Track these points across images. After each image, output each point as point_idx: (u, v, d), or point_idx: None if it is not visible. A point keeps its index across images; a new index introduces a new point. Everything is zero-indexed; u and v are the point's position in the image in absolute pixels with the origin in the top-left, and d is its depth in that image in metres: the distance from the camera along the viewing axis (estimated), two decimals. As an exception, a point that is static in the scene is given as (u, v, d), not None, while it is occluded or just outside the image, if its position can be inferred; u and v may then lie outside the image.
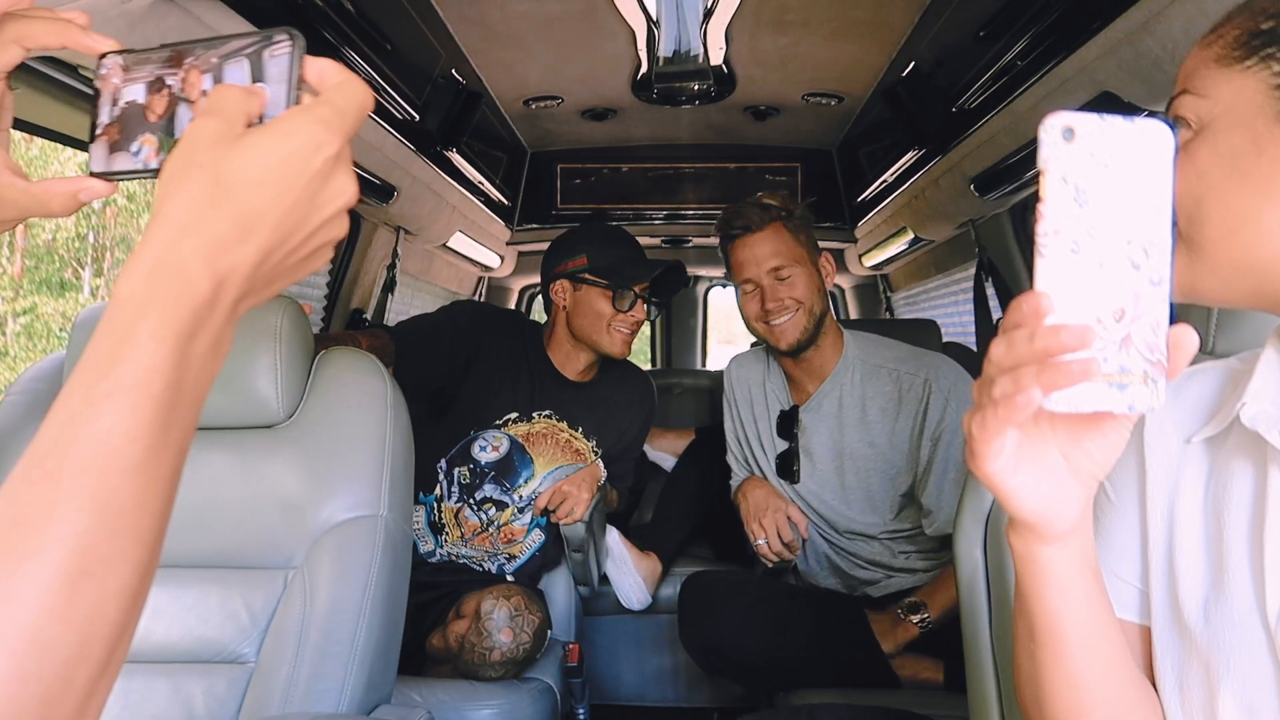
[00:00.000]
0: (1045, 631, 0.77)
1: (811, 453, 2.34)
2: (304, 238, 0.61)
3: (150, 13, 1.32)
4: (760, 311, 2.26)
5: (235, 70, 0.63)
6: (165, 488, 0.56)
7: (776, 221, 2.26)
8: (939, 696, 1.98)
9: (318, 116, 0.60)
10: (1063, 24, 1.72)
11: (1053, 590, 0.74)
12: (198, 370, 0.57)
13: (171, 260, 0.55)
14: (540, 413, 2.46)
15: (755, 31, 2.33)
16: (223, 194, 0.56)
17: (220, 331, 0.58)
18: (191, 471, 1.50)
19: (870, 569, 2.30)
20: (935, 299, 4.02)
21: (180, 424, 0.56)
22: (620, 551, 2.64)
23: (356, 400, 1.56)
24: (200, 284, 0.55)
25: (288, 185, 0.58)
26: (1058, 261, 0.61)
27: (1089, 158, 0.61)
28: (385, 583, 1.45)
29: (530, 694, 2.00)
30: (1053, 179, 0.61)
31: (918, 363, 2.28)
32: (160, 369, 0.53)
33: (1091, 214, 0.61)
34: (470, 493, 2.35)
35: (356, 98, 0.62)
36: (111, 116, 0.66)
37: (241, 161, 0.57)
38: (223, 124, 0.58)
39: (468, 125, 2.75)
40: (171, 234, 0.56)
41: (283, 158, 0.58)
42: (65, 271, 16.36)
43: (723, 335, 7.49)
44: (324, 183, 0.60)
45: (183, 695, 1.39)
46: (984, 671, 1.23)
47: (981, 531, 1.25)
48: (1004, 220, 2.81)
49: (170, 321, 0.54)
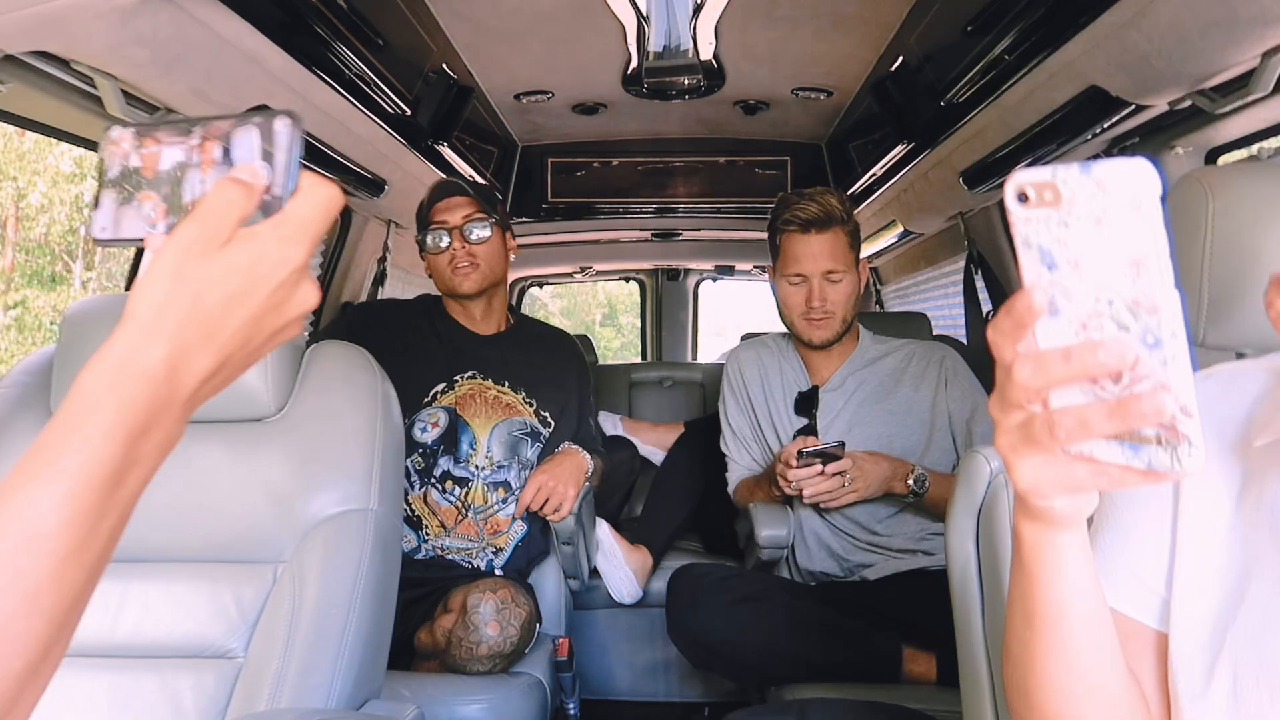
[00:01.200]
0: (1046, 618, 0.75)
1: (828, 429, 2.39)
2: (263, 340, 0.65)
3: (142, 7, 1.32)
4: (805, 307, 2.35)
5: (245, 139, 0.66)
6: (88, 574, 0.58)
7: (836, 227, 2.33)
8: (932, 691, 1.98)
9: (284, 235, 0.63)
10: (1050, 18, 1.72)
11: (1062, 577, 0.73)
12: (143, 465, 0.60)
13: (136, 363, 0.58)
14: (463, 375, 2.43)
15: (745, 26, 2.33)
16: (195, 307, 0.60)
17: (173, 429, 0.61)
18: (180, 465, 1.50)
19: (868, 550, 2.31)
20: (925, 292, 4.03)
21: (115, 513, 0.58)
22: (610, 545, 2.64)
23: (346, 393, 1.56)
24: (161, 387, 0.59)
25: (255, 300, 0.62)
26: (1041, 325, 0.59)
27: (1048, 219, 0.58)
28: (375, 577, 1.45)
29: (520, 689, 2.00)
30: (1019, 243, 0.59)
31: (929, 344, 2.48)
32: (106, 462, 0.56)
33: (1062, 276, 0.58)
34: (428, 474, 2.33)
35: (320, 203, 0.65)
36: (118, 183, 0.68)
37: (216, 276, 0.61)
38: (208, 233, 0.61)
39: (458, 119, 2.75)
40: (140, 338, 0.59)
41: (253, 275, 0.62)
42: (56, 265, 16.30)
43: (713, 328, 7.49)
44: (289, 293, 0.65)
45: (171, 691, 1.39)
46: (977, 665, 1.23)
47: (974, 524, 1.25)
48: (993, 213, 2.83)
49: (125, 421, 0.57)
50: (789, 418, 2.47)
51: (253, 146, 0.65)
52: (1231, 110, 1.59)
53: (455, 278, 2.41)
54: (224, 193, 0.62)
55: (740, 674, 2.25)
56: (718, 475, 2.64)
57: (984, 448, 1.25)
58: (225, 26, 1.53)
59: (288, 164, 0.65)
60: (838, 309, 2.34)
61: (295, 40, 1.73)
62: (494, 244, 2.44)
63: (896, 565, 2.27)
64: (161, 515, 1.49)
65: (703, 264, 4.77)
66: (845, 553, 2.33)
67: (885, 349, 2.47)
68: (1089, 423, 0.58)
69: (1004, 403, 0.63)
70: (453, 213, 2.42)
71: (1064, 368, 0.58)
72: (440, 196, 2.43)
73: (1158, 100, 1.65)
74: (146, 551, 1.48)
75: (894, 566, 2.27)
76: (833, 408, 2.41)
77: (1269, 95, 1.47)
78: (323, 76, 1.91)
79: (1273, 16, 1.24)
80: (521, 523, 2.36)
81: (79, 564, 0.56)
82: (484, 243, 2.41)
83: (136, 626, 1.44)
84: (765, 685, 2.21)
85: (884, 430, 2.34)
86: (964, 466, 1.26)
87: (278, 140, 0.65)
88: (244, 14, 1.55)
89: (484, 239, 2.41)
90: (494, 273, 2.45)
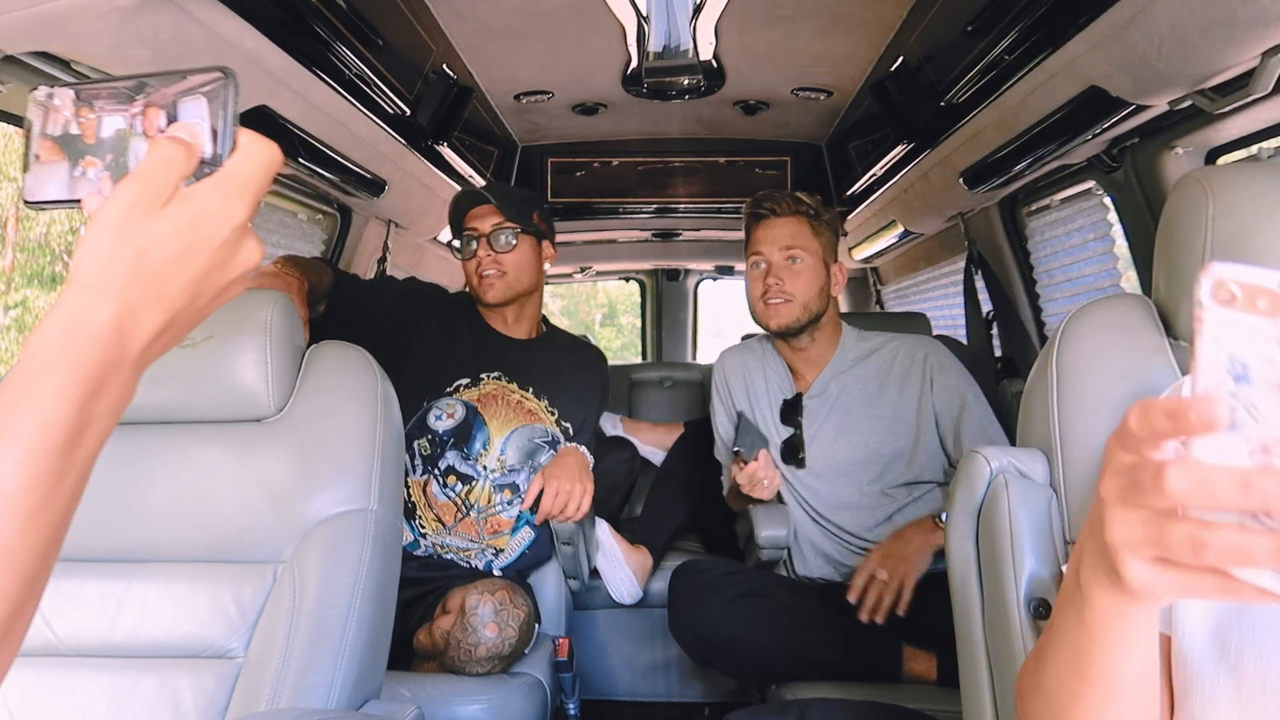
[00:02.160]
0: (1103, 677, 0.72)
1: (814, 437, 2.38)
2: (210, 297, 0.66)
3: (142, 8, 1.32)
4: (763, 291, 2.35)
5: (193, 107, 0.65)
6: (53, 533, 0.58)
7: (800, 214, 2.37)
8: (932, 690, 1.98)
9: (226, 191, 0.64)
10: (1050, 18, 1.72)
11: (1129, 644, 0.69)
12: (98, 424, 0.60)
13: (84, 323, 0.59)
14: (489, 374, 2.44)
15: (745, 26, 2.33)
16: (141, 266, 0.60)
17: (124, 388, 0.62)
18: (181, 465, 1.51)
19: (862, 556, 2.30)
20: (925, 292, 4.03)
21: (74, 473, 0.59)
22: (610, 545, 2.64)
23: (347, 394, 1.56)
24: (110, 348, 0.59)
25: (200, 256, 0.63)
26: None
27: (1256, 327, 0.50)
28: (375, 577, 1.44)
29: (519, 689, 2.00)
30: (1204, 341, 0.51)
31: (913, 342, 2.42)
32: (62, 423, 0.57)
33: (1254, 392, 0.50)
34: (433, 464, 2.33)
35: (261, 160, 0.66)
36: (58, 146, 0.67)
37: (161, 234, 0.61)
38: (150, 191, 0.61)
39: (458, 119, 2.75)
40: (87, 299, 0.59)
41: (197, 232, 0.62)
42: (56, 265, 16.30)
43: (713, 328, 7.50)
44: (233, 250, 0.65)
45: (170, 691, 1.39)
46: (977, 665, 1.23)
47: (973, 525, 1.24)
48: (993, 213, 2.82)
49: (77, 382, 0.58)
50: (775, 426, 2.46)
51: (201, 113, 0.65)
52: (1231, 110, 1.59)
53: (480, 286, 2.44)
54: (163, 151, 0.62)
55: (741, 670, 2.25)
56: (718, 475, 2.64)
57: (984, 448, 1.24)
58: (225, 27, 1.53)
59: (225, 125, 0.65)
60: (798, 293, 2.33)
61: (295, 40, 1.73)
62: (522, 253, 2.46)
63: None
64: (161, 515, 1.49)
65: (703, 264, 4.77)
66: (842, 557, 2.33)
67: (870, 346, 2.45)
68: (1250, 554, 0.51)
69: (1131, 498, 0.57)
70: (483, 220, 2.45)
71: (1237, 495, 0.50)
72: (472, 204, 2.47)
73: (1158, 100, 1.65)
74: (146, 551, 1.48)
75: None
76: (818, 415, 2.40)
77: (1269, 95, 1.47)
78: (323, 77, 1.91)
79: (1272, 16, 1.24)
80: (530, 529, 2.36)
81: (43, 523, 0.57)
82: (510, 251, 2.44)
83: (136, 627, 1.44)
84: (766, 683, 2.21)
85: (870, 437, 2.33)
86: (964, 467, 1.26)
87: (220, 106, 0.65)
88: (244, 14, 1.55)
89: (510, 247, 2.44)
90: (520, 282, 2.47)
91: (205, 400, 1.50)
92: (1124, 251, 2.25)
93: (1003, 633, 1.15)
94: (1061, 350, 1.22)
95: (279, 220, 2.57)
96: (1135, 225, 2.09)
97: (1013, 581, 1.14)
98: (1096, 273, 2.45)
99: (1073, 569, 0.70)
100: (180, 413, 1.52)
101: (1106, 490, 0.59)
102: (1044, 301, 2.76)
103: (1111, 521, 0.58)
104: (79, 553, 1.47)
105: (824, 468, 2.37)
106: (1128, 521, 0.57)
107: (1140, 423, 0.55)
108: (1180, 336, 1.17)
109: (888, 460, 2.30)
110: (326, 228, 2.83)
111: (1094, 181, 2.28)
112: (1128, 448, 0.57)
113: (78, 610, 1.44)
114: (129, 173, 0.64)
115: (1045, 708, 0.79)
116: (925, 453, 2.31)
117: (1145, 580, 0.58)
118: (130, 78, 0.66)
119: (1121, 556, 0.58)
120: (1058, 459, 1.18)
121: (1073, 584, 0.70)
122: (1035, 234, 2.74)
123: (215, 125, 0.65)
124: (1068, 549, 1.16)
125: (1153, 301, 1.23)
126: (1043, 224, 2.69)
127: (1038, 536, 1.15)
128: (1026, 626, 1.12)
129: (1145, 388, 1.14)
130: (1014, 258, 2.83)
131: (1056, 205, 2.60)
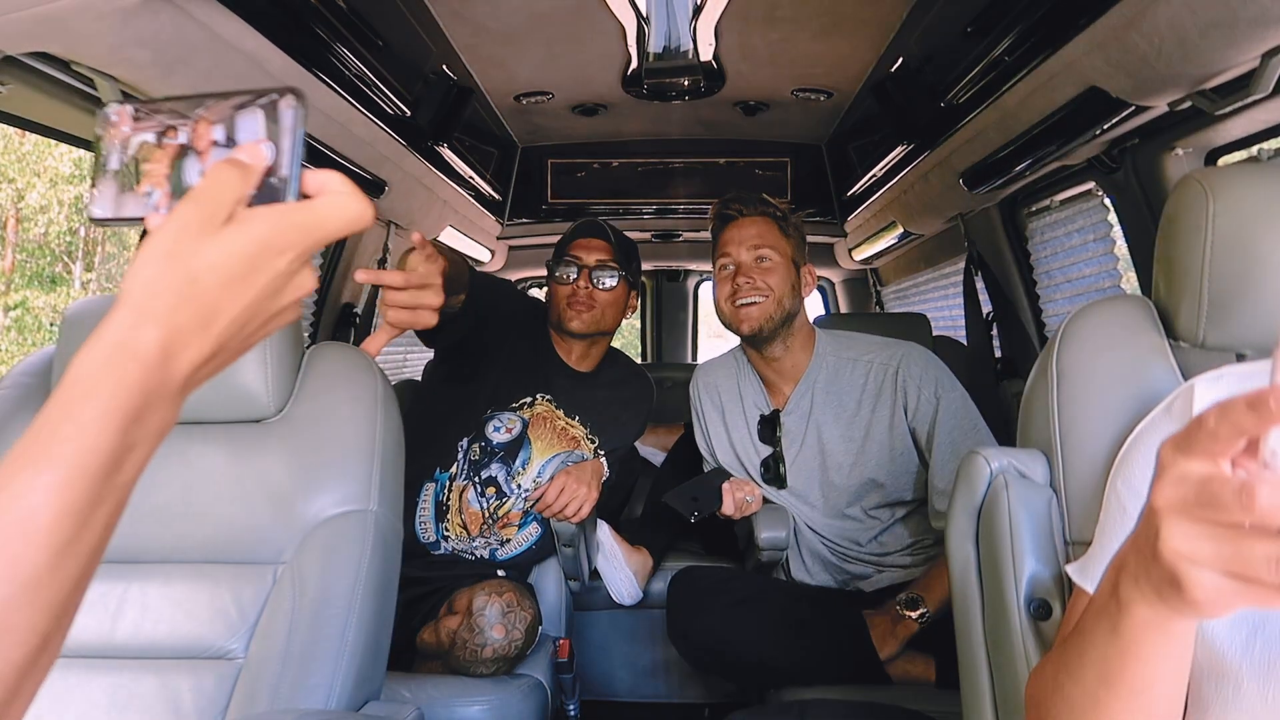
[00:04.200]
0: (1133, 688, 0.71)
1: (795, 456, 2.36)
2: (260, 325, 0.64)
3: (143, 9, 1.32)
4: (731, 291, 2.29)
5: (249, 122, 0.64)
6: (85, 563, 0.56)
7: (767, 215, 2.34)
8: (931, 692, 1.98)
9: (295, 222, 0.62)
10: (1050, 20, 1.72)
11: (1164, 657, 0.69)
12: (138, 451, 0.58)
13: (131, 345, 0.57)
14: (542, 396, 2.48)
15: (745, 27, 2.33)
16: (191, 290, 0.58)
17: (167, 414, 0.60)
18: (180, 466, 1.50)
19: (860, 564, 2.30)
20: (925, 293, 4.03)
21: (111, 501, 0.57)
22: (611, 546, 2.64)
23: (346, 394, 1.56)
24: (155, 371, 0.57)
25: (253, 284, 0.61)
26: None
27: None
28: (375, 578, 1.45)
29: (521, 690, 2.00)
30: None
31: (888, 352, 2.31)
32: (101, 449, 0.55)
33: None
34: (477, 470, 2.35)
35: (347, 215, 0.64)
36: (119, 164, 0.66)
37: (213, 258, 0.59)
38: (204, 214, 0.60)
39: (458, 120, 2.74)
40: (135, 319, 0.57)
41: (252, 258, 0.60)
42: (56, 266, 16.31)
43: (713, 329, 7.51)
44: (287, 280, 0.63)
45: (170, 692, 1.39)
46: (977, 667, 1.23)
47: (974, 525, 1.24)
48: (993, 214, 2.82)
49: (120, 406, 0.56)
50: (754, 445, 2.43)
51: (257, 129, 0.64)
52: (1231, 111, 1.59)
53: (568, 313, 2.47)
54: (220, 174, 0.61)
55: (740, 675, 2.25)
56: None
57: (984, 449, 1.24)
58: (226, 27, 1.53)
59: (293, 145, 0.63)
60: (773, 288, 2.27)
61: (295, 41, 1.73)
62: (616, 295, 2.50)
63: (892, 577, 2.27)
64: (161, 516, 1.49)
65: (703, 265, 4.76)
66: (840, 561, 2.33)
67: (848, 356, 2.35)
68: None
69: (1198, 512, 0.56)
70: (589, 252, 2.49)
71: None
72: (584, 234, 2.51)
73: (1158, 101, 1.65)
74: (146, 552, 1.49)
75: (889, 578, 2.27)
76: (795, 434, 2.36)
77: (1269, 96, 1.47)
78: (323, 78, 1.91)
79: (1273, 17, 1.23)
80: (537, 525, 2.37)
81: (75, 553, 0.55)
82: (607, 291, 2.48)
83: (136, 627, 1.44)
84: (765, 687, 2.21)
85: (844, 459, 2.29)
86: (964, 467, 1.26)
87: (282, 121, 0.63)
88: (244, 15, 1.54)
89: (609, 287, 2.47)
90: (604, 321, 2.51)
91: (205, 400, 1.50)
92: (1124, 252, 2.25)
93: (1003, 633, 1.15)
94: (1062, 351, 1.22)
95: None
96: (1135, 226, 2.09)
97: (1013, 582, 1.14)
98: (1096, 273, 2.45)
99: (1109, 580, 0.69)
100: (180, 414, 1.51)
101: (1164, 501, 0.57)
102: (1044, 302, 2.76)
103: (1172, 533, 0.57)
104: (79, 553, 1.47)
105: (805, 489, 2.35)
106: (1192, 535, 0.56)
107: (1222, 419, 0.54)
108: (1180, 337, 1.17)
109: (864, 483, 2.27)
110: (326, 228, 2.83)
111: (1094, 182, 2.28)
112: (1196, 454, 0.56)
113: (78, 611, 1.44)
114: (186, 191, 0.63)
115: (1065, 715, 0.79)
116: (903, 471, 2.26)
117: (1214, 593, 0.56)
118: (193, 96, 0.65)
119: (1185, 569, 0.57)
120: (1058, 459, 1.18)
121: (1108, 594, 0.69)
122: (1035, 235, 2.74)
123: (276, 142, 0.63)
124: (1068, 549, 1.16)
125: (1153, 302, 1.23)
126: (1043, 225, 2.69)
127: (1038, 537, 1.15)
128: (1027, 627, 1.12)
129: (1145, 388, 1.14)
130: (1014, 258, 2.83)
131: (1056, 206, 2.59)
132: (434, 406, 2.44)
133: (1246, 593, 0.55)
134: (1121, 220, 2.17)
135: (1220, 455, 0.54)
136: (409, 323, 1.54)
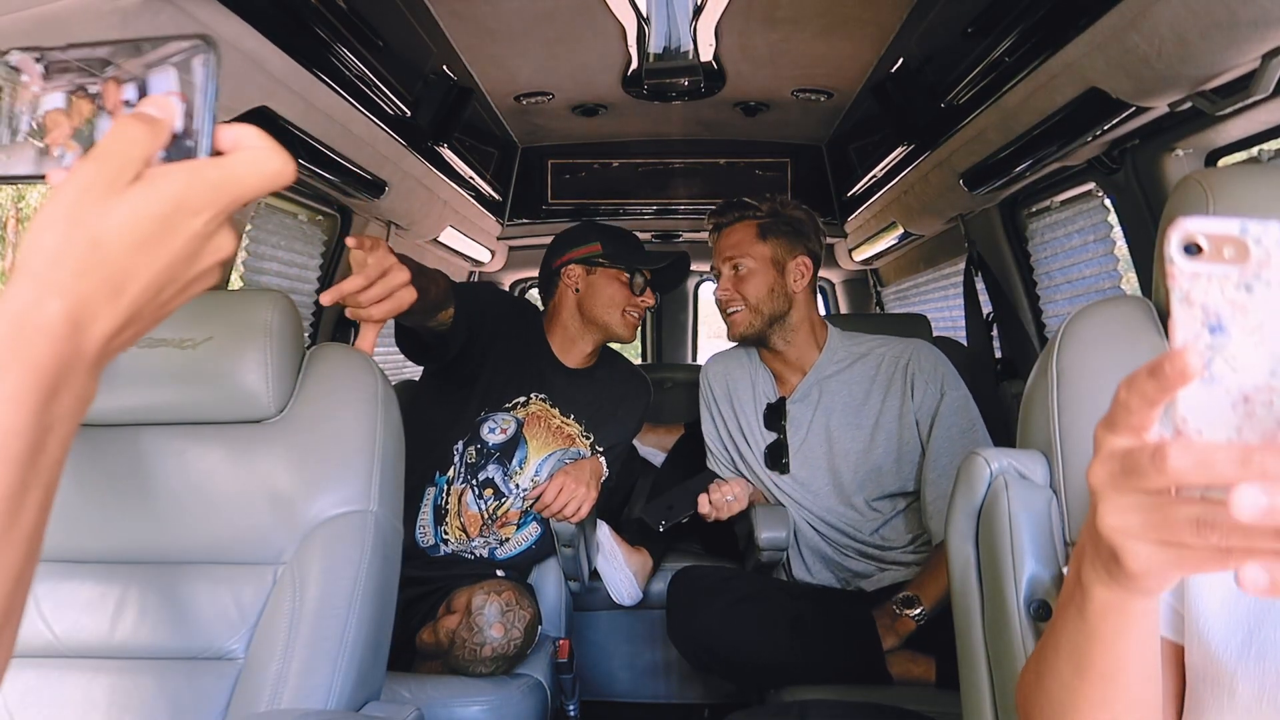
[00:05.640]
0: (1104, 674, 0.72)
1: (800, 443, 2.37)
2: (177, 291, 0.60)
3: (142, 9, 1.31)
4: (719, 301, 2.42)
5: (161, 80, 0.60)
6: (25, 550, 0.53)
7: (746, 220, 2.40)
8: (931, 693, 1.98)
9: (209, 179, 0.58)
10: (1050, 20, 1.72)
11: (1129, 639, 0.69)
12: (59, 429, 0.54)
13: (35, 319, 0.53)
14: (536, 395, 2.48)
15: (745, 27, 2.33)
16: (96, 255, 0.54)
17: (84, 388, 0.56)
18: (180, 466, 1.50)
19: (862, 560, 2.31)
20: (925, 293, 4.03)
21: (41, 483, 0.54)
22: (611, 546, 2.64)
23: (347, 395, 1.56)
24: (64, 344, 0.53)
25: (165, 247, 0.57)
26: (1191, 392, 0.51)
27: (1225, 277, 0.50)
28: (375, 578, 1.45)
29: (520, 690, 2.00)
30: (1177, 299, 0.51)
31: (900, 346, 2.38)
32: (19, 431, 0.51)
33: (1230, 342, 0.50)
34: (474, 473, 2.36)
35: (266, 172, 0.60)
36: (29, 125, 0.62)
37: (120, 220, 0.55)
38: (107, 173, 0.56)
39: (459, 121, 2.74)
40: (37, 292, 0.53)
41: (163, 219, 0.56)
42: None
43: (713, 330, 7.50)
44: (204, 242, 0.59)
45: (170, 692, 1.39)
46: (977, 667, 1.23)
47: (973, 526, 1.24)
48: (993, 215, 2.82)
49: (31, 385, 0.52)
50: (760, 432, 2.46)
51: (170, 86, 0.60)
52: (1232, 112, 1.58)
53: (631, 324, 2.53)
54: (126, 129, 0.57)
55: (740, 675, 2.25)
56: (717, 477, 2.64)
57: (984, 449, 1.25)
58: (225, 27, 1.53)
59: (205, 99, 0.60)
60: (747, 296, 2.36)
61: (295, 41, 1.73)
62: None
63: (894, 576, 2.27)
64: (161, 517, 1.49)
65: (703, 265, 4.76)
66: (841, 558, 2.33)
67: (859, 350, 2.42)
68: (1258, 538, 0.50)
69: (1124, 483, 0.56)
70: None
71: (1237, 470, 0.49)
72: (670, 257, 2.57)
73: (1158, 102, 1.65)
74: (146, 553, 1.49)
75: (890, 577, 2.27)
76: (801, 422, 2.39)
77: (1269, 97, 1.47)
78: (323, 78, 1.90)
79: (1273, 18, 1.23)
80: (537, 525, 2.38)
81: (11, 542, 0.52)
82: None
83: (136, 628, 1.44)
84: (765, 687, 2.21)
85: (852, 446, 2.32)
86: (964, 468, 1.26)
87: (195, 76, 0.60)
88: (244, 15, 1.54)
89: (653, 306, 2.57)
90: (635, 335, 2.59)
91: (205, 401, 1.50)
92: (1124, 253, 2.25)
93: (1003, 634, 1.15)
94: (1062, 352, 1.22)
95: (279, 221, 2.57)
96: (1135, 227, 2.09)
97: (1013, 583, 1.14)
98: (1097, 274, 2.45)
99: (1074, 567, 0.70)
100: (180, 414, 1.52)
101: (1097, 478, 0.58)
102: (1044, 303, 2.76)
103: (1106, 509, 0.58)
104: (78, 554, 1.48)
105: (809, 476, 2.37)
106: (1123, 508, 0.57)
107: (1131, 391, 0.55)
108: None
109: (869, 472, 2.29)
110: (326, 229, 2.83)
111: (1094, 183, 2.28)
112: (1119, 429, 0.57)
113: (77, 611, 1.44)
114: None
115: (1046, 709, 0.79)
116: (908, 463, 2.29)
117: (1148, 563, 0.57)
118: (100, 43, 0.61)
119: (1120, 542, 0.58)
120: (1058, 460, 1.19)
121: (1074, 581, 0.70)
122: (1035, 235, 2.73)
123: (190, 97, 0.59)
124: (1068, 550, 1.16)
125: (1153, 303, 1.23)
126: (1043, 225, 2.69)
127: (1038, 538, 1.15)
128: (1026, 628, 1.12)
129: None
130: (1014, 259, 2.82)
131: (1057, 207, 2.59)
132: (428, 412, 2.45)
133: (1180, 560, 0.56)
134: (1122, 221, 2.17)
135: (1140, 428, 0.55)
136: (393, 311, 1.56)
